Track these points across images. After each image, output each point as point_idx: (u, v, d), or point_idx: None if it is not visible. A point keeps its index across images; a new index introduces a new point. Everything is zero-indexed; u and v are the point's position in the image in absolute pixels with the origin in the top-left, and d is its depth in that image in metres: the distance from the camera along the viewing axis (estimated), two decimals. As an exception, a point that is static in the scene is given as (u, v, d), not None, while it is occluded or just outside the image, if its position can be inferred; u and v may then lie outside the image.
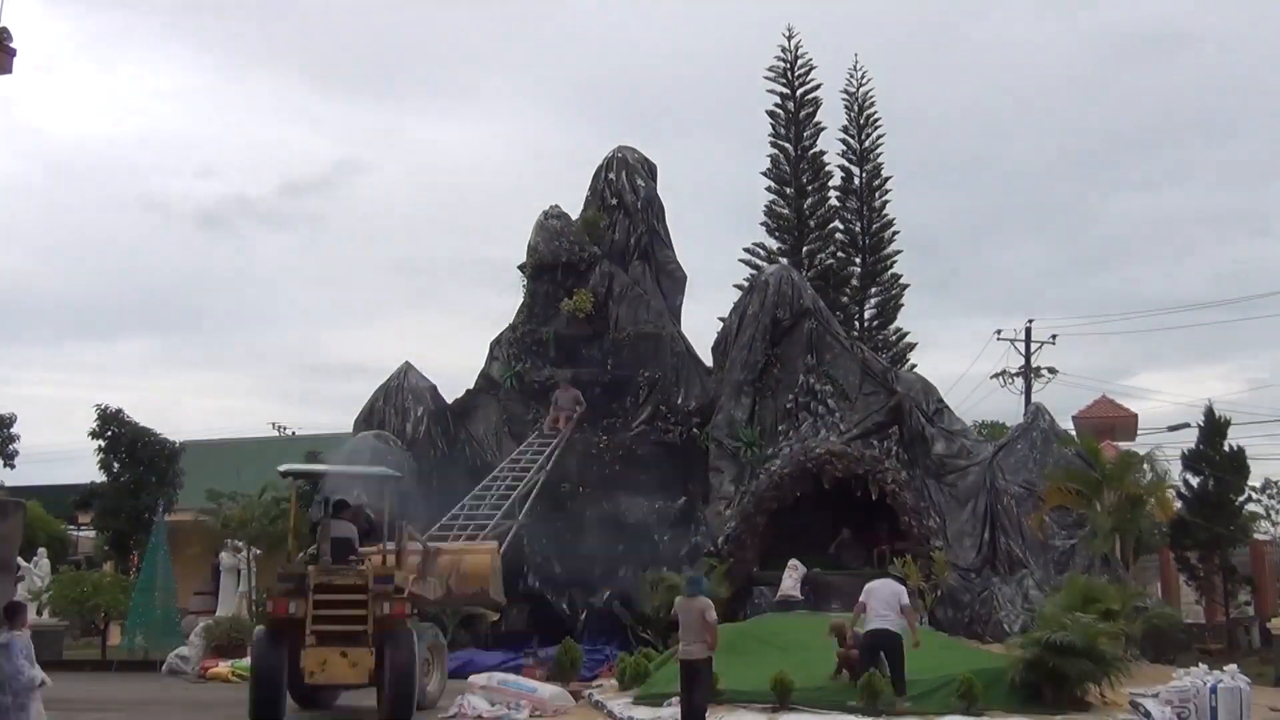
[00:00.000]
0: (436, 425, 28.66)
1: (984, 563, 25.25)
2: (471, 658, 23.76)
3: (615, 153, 31.15)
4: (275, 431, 46.65)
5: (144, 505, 30.29)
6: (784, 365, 27.29)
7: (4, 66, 13.85)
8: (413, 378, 29.27)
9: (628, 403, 28.26)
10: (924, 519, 24.67)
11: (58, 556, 33.36)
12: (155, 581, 26.83)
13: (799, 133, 40.96)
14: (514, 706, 16.51)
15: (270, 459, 36.57)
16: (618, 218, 30.38)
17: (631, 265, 29.96)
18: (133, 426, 31.28)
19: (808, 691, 15.22)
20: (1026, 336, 40.34)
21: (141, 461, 31.06)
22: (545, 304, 29.23)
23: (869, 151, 41.52)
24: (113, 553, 31.88)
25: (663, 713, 15.31)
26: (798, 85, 40.95)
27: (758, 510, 25.11)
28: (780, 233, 40.65)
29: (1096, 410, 37.14)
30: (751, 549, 25.00)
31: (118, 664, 26.39)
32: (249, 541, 28.99)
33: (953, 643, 19.23)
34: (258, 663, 15.73)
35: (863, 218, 41.21)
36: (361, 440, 27.77)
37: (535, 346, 29.05)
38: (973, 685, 14.66)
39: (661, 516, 26.67)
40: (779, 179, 41.04)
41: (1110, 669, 14.92)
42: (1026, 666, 15.01)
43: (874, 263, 40.93)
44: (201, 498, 30.06)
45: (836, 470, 24.92)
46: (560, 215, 29.89)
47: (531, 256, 29.52)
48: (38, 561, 29.60)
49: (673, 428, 27.71)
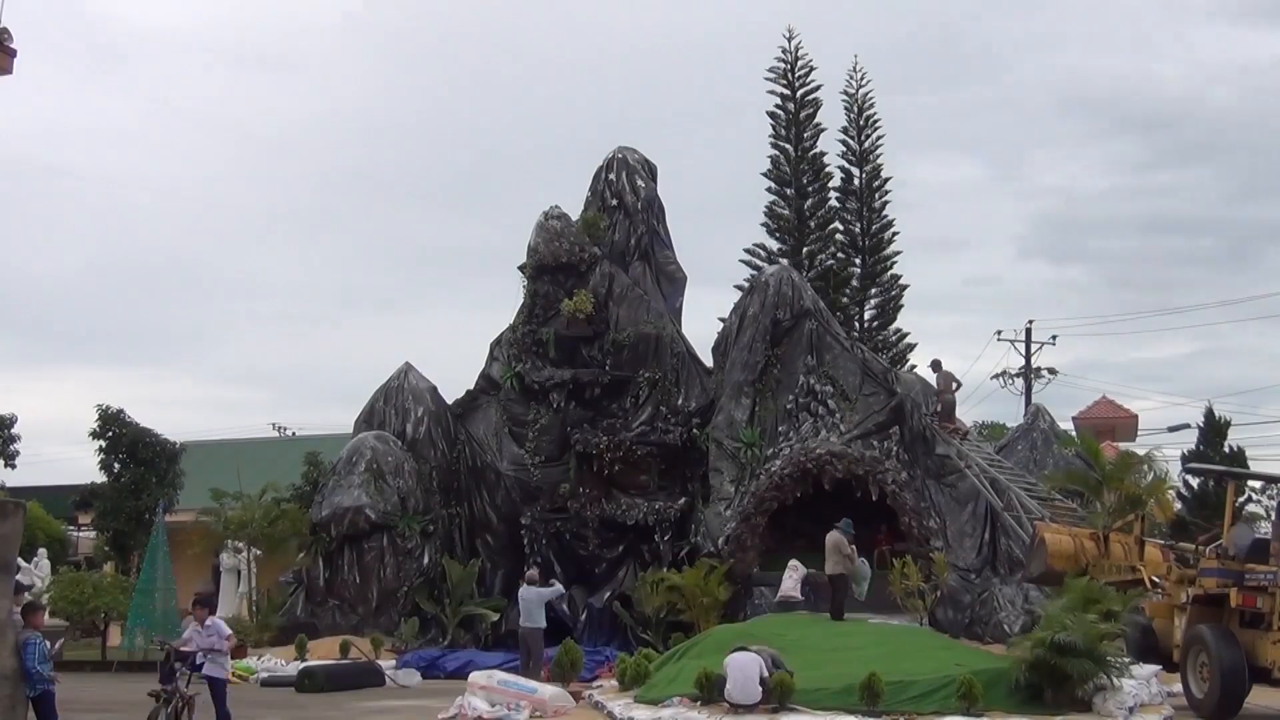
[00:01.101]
0: (436, 426, 28.69)
1: (984, 563, 25.26)
2: (471, 658, 23.79)
3: (615, 153, 31.16)
4: (275, 432, 46.75)
5: (144, 506, 30.31)
6: (784, 366, 27.30)
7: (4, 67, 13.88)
8: (413, 378, 29.30)
9: (628, 403, 28.29)
10: (924, 519, 24.68)
11: (58, 557, 33.38)
12: (155, 582, 26.83)
13: (799, 134, 40.97)
14: (514, 707, 16.52)
15: (270, 459, 36.79)
16: (618, 218, 30.40)
17: (631, 266, 29.98)
18: (133, 427, 31.30)
19: (808, 693, 15.21)
20: (1027, 337, 40.40)
21: (142, 462, 31.08)
22: (545, 304, 29.25)
23: (869, 152, 41.53)
24: (113, 553, 31.88)
25: (663, 714, 15.31)
26: (798, 86, 40.97)
27: (758, 511, 25.12)
28: (780, 233, 40.66)
29: (1097, 411, 37.19)
30: (751, 549, 25.01)
31: (118, 665, 26.39)
32: (249, 542, 29.03)
33: (953, 643, 19.24)
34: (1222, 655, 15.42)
35: (863, 219, 41.21)
36: (361, 441, 27.83)
37: (535, 347, 29.07)
38: (973, 685, 14.64)
39: (661, 517, 26.69)
40: (779, 180, 41.05)
41: (1111, 670, 14.92)
42: (1028, 667, 15.01)
43: (874, 263, 40.94)
44: (202, 498, 30.10)
45: (837, 471, 24.93)
46: (560, 216, 29.90)
47: (531, 257, 29.53)
48: (38, 562, 29.64)
49: (673, 428, 27.72)
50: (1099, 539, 19.13)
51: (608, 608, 26.22)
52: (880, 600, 22.86)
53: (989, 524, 25.41)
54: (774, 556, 24.61)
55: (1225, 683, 15.07)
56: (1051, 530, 19.72)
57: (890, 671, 15.29)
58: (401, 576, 26.61)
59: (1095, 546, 18.94)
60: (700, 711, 15.15)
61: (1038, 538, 19.59)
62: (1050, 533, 19.53)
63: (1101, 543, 19.03)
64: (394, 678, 22.63)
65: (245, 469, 31.42)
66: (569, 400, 28.38)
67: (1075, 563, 18.74)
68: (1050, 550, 18.98)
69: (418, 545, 26.96)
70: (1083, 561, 18.74)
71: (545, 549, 27.10)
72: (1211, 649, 15.33)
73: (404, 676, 22.73)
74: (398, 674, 22.85)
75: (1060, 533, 19.58)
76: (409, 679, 22.64)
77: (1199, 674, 15.75)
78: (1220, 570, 16.24)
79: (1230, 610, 15.93)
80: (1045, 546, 19.08)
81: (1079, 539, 19.22)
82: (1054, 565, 18.88)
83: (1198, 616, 16.37)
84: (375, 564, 26.64)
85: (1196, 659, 15.85)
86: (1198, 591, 16.55)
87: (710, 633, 20.01)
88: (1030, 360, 40.11)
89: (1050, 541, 19.12)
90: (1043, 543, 19.19)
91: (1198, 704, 15.72)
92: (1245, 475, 24.52)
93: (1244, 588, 15.74)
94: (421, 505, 27.37)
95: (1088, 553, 18.83)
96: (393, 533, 26.72)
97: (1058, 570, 18.76)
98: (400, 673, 22.93)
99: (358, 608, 26.43)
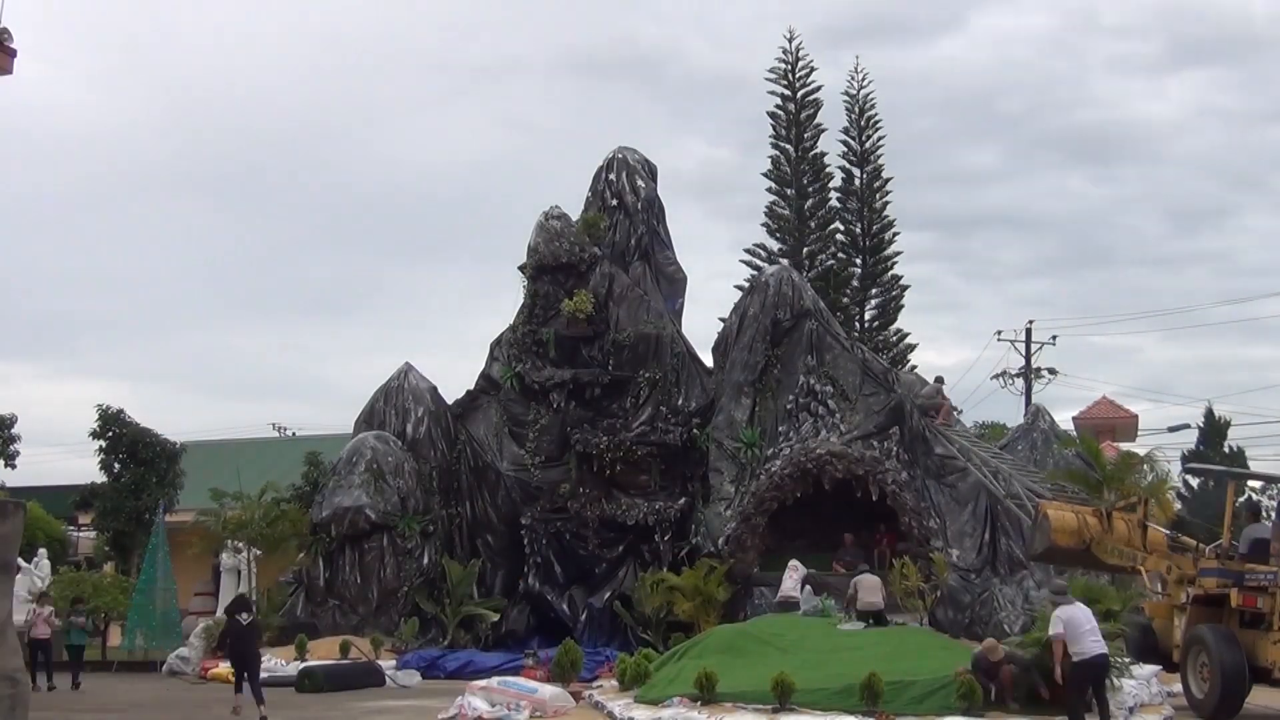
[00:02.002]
0: (436, 426, 28.68)
1: (984, 563, 25.24)
2: (471, 658, 23.82)
3: (615, 153, 31.15)
4: (275, 432, 46.74)
5: (144, 506, 30.33)
6: (784, 366, 27.28)
7: (4, 67, 13.86)
8: (413, 378, 29.30)
9: (628, 403, 28.28)
10: (924, 519, 24.66)
11: (58, 557, 33.36)
12: (155, 582, 26.87)
13: (799, 134, 41.03)
14: (514, 707, 16.51)
15: (270, 459, 36.80)
16: (618, 218, 30.38)
17: (632, 266, 29.97)
18: (134, 427, 31.31)
19: (808, 693, 15.21)
20: (1027, 337, 40.39)
21: (142, 462, 31.08)
22: (545, 304, 29.24)
23: (869, 153, 41.60)
24: (113, 553, 31.90)
25: (663, 714, 15.32)
26: (798, 87, 41.02)
27: (758, 511, 25.12)
28: (781, 233, 40.70)
29: (1097, 411, 37.20)
30: (751, 550, 25.00)
31: (118, 664, 26.40)
32: (249, 543, 29.02)
33: (953, 643, 19.22)
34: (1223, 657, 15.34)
35: (863, 219, 41.26)
36: (361, 441, 27.83)
37: (535, 347, 29.07)
38: (973, 686, 14.66)
39: (661, 517, 26.69)
40: (780, 180, 41.11)
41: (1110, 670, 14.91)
42: (1027, 667, 15.01)
43: (874, 264, 40.97)
44: (202, 499, 30.09)
45: (837, 471, 24.92)
46: (560, 216, 29.89)
47: (531, 257, 29.52)
48: (38, 562, 29.60)
49: (673, 428, 27.72)
50: (1102, 515, 18.89)
51: (608, 608, 26.22)
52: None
53: (989, 524, 25.39)
54: (774, 556, 24.61)
55: (1226, 683, 15.07)
56: (1054, 506, 19.53)
57: (890, 671, 15.29)
58: (401, 577, 26.61)
59: (1099, 523, 18.69)
60: (700, 711, 15.15)
61: (1040, 513, 19.36)
62: (1053, 509, 19.31)
63: (1105, 519, 18.80)
64: (394, 678, 22.64)
65: (245, 469, 31.42)
66: (569, 400, 28.37)
67: (1079, 538, 18.46)
68: (1054, 525, 18.65)
69: (418, 545, 26.96)
70: (1085, 537, 18.44)
71: (545, 549, 27.10)
72: (1212, 649, 15.33)
73: (404, 677, 22.74)
74: (398, 674, 22.86)
75: (1063, 509, 19.37)
76: (409, 679, 22.65)
77: (1199, 674, 15.76)
78: (1220, 570, 16.23)
79: (1230, 610, 15.93)
80: (1048, 521, 18.79)
81: (1082, 515, 18.94)
82: (1057, 541, 18.59)
83: (1198, 617, 16.37)
84: (375, 564, 26.64)
85: (1197, 659, 15.86)
86: (1198, 591, 16.54)
87: (710, 633, 20.00)
88: (1030, 360, 40.11)
89: (1054, 517, 18.85)
90: (1045, 518, 18.90)
91: (1198, 704, 15.72)
92: (1246, 475, 24.50)
93: (1244, 588, 15.75)
94: (421, 505, 27.37)
95: (1091, 528, 18.52)
96: (393, 533, 26.72)
97: (1061, 546, 18.52)
98: (400, 673, 22.94)
99: (358, 608, 26.43)
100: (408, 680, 22.58)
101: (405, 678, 22.70)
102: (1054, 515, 18.91)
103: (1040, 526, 19.18)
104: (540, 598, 26.80)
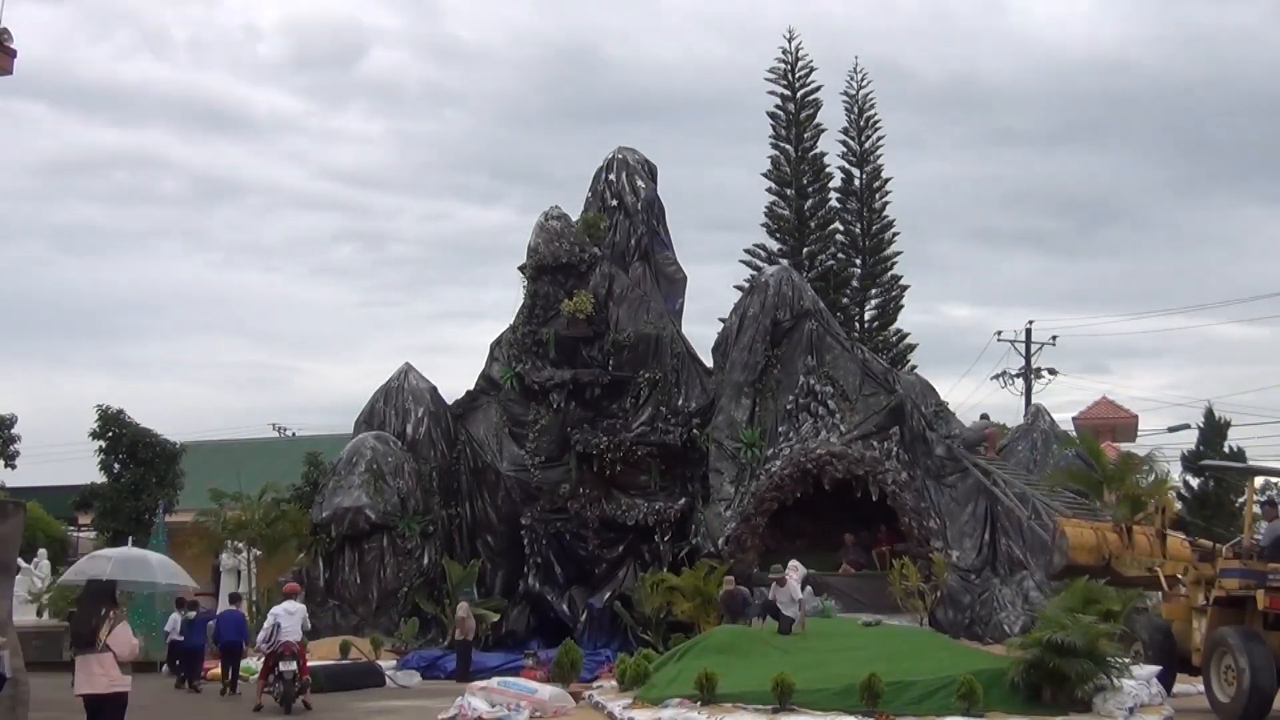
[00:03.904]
0: (436, 426, 28.69)
1: (984, 564, 25.26)
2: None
3: (615, 154, 31.17)
4: (275, 432, 46.77)
5: (144, 506, 30.32)
6: (784, 366, 27.29)
7: (4, 67, 13.88)
8: (413, 379, 29.31)
9: (628, 404, 28.30)
10: (924, 520, 24.68)
11: (58, 557, 33.34)
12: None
13: (799, 134, 41.05)
14: (514, 708, 16.49)
15: (270, 459, 36.82)
16: (618, 219, 30.41)
17: (631, 266, 29.98)
18: (134, 427, 31.31)
19: (808, 693, 15.20)
20: (1027, 337, 40.38)
21: (142, 462, 31.08)
22: (545, 305, 29.25)
23: (869, 153, 41.63)
24: (113, 554, 31.83)
25: (663, 714, 15.31)
26: (798, 87, 41.03)
27: (758, 511, 25.13)
28: (781, 234, 40.72)
29: (1097, 411, 37.20)
30: (751, 550, 25.01)
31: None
32: (249, 543, 29.03)
33: (953, 643, 19.23)
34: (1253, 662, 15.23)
35: (863, 219, 41.29)
36: (361, 441, 27.84)
37: (535, 347, 29.08)
38: (973, 686, 14.63)
39: (661, 517, 26.69)
40: (779, 180, 41.12)
41: (1111, 670, 14.91)
42: (1027, 667, 15.00)
43: (874, 264, 40.98)
44: (202, 499, 30.10)
45: (837, 471, 24.94)
46: (560, 216, 29.91)
47: (531, 257, 29.53)
48: (38, 563, 29.60)
49: (673, 429, 27.72)
50: (1122, 531, 18.79)
51: (608, 608, 26.22)
52: (880, 600, 22.87)
53: (989, 524, 25.43)
54: (774, 557, 24.59)
55: (1256, 686, 14.77)
56: (1072, 524, 19.35)
57: (890, 672, 15.26)
58: (401, 577, 26.62)
59: (1118, 539, 18.59)
60: (700, 712, 15.14)
61: (1058, 531, 19.17)
62: (1071, 526, 19.12)
63: (1125, 534, 18.68)
64: (394, 678, 22.64)
65: (245, 469, 31.43)
66: (569, 401, 28.38)
67: (1098, 554, 18.28)
68: (1072, 543, 18.44)
69: (418, 546, 26.97)
70: (1105, 553, 18.29)
71: (545, 549, 27.12)
72: (1238, 652, 15.04)
73: (404, 677, 22.75)
74: (398, 674, 22.87)
75: (1081, 525, 19.23)
76: (409, 679, 22.66)
77: (1224, 677, 15.39)
78: (1243, 571, 15.93)
79: (1254, 611, 15.67)
80: (1066, 539, 18.63)
81: (1100, 531, 18.81)
82: (1075, 558, 18.39)
83: (1220, 619, 16.08)
84: (375, 564, 26.67)
85: (1221, 662, 15.51)
86: (1219, 593, 16.25)
87: (710, 633, 19.98)
88: (1030, 360, 40.09)
89: (1071, 535, 18.63)
90: (1063, 535, 18.67)
91: (1223, 708, 15.35)
92: (1266, 471, 23.93)
93: (1270, 589, 15.42)
94: (421, 506, 27.38)
95: (1110, 544, 18.38)
96: (393, 533, 26.74)
97: (1080, 563, 18.37)
98: (400, 673, 22.95)
99: (358, 608, 26.44)
100: (408, 680, 22.58)
101: (405, 678, 22.71)
102: (1072, 533, 18.73)
103: (1059, 545, 18.98)
104: (540, 598, 26.81)
